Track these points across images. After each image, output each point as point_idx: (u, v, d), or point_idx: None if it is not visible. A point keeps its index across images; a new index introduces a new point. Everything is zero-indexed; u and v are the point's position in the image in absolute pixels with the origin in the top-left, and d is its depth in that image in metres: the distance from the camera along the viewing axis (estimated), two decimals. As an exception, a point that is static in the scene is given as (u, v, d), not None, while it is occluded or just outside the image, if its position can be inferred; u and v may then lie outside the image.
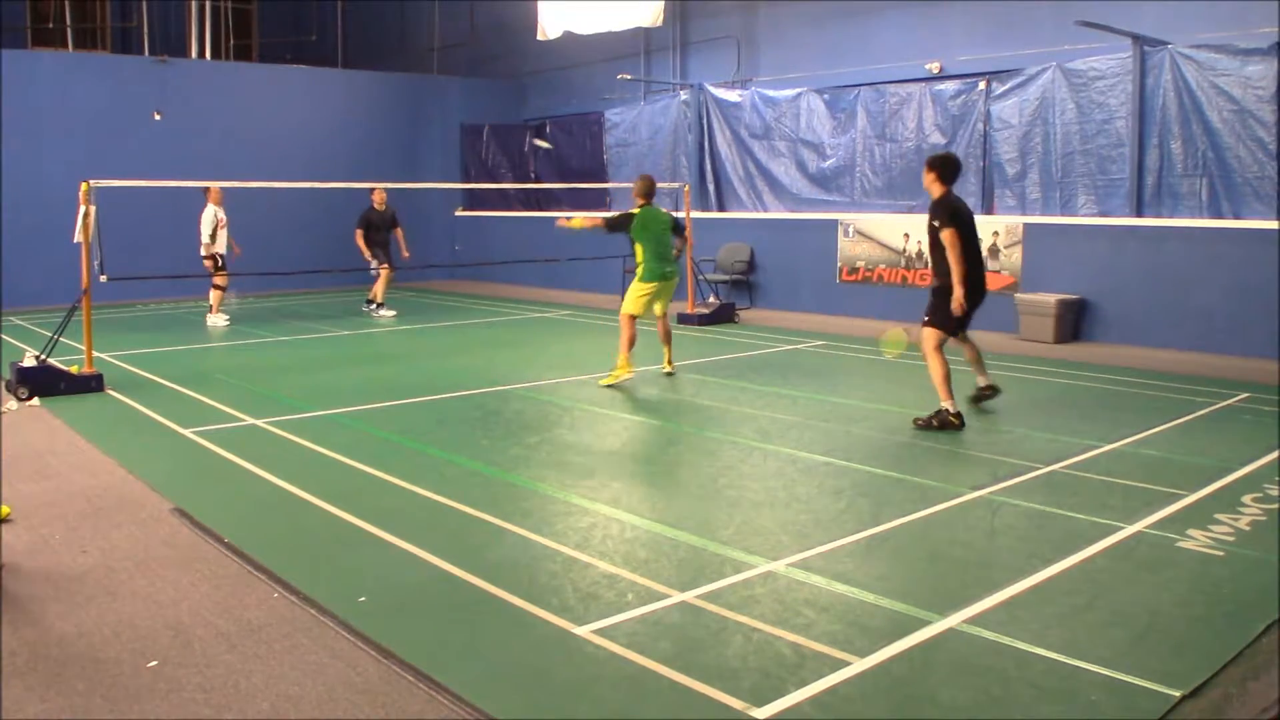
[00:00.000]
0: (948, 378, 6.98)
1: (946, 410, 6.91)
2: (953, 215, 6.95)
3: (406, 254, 14.23)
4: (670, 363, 9.25)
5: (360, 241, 13.86)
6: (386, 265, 13.90)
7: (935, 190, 7.08)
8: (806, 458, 6.27)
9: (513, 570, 4.35)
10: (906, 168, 13.28)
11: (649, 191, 8.91)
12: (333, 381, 9.04)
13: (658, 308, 9.05)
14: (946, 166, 7.08)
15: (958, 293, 6.88)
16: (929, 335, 7.13)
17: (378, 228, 13.98)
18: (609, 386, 8.60)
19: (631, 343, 8.71)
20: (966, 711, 3.17)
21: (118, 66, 17.12)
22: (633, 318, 8.78)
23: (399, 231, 14.20)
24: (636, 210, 8.86)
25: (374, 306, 14.08)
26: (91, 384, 8.36)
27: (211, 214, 12.74)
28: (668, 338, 9.30)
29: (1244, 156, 10.37)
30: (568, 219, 9.34)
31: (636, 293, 8.85)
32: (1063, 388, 8.68)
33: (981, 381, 7.62)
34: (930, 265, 7.28)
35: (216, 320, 12.95)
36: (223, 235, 12.83)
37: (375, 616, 3.86)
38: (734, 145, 15.52)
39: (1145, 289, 10.84)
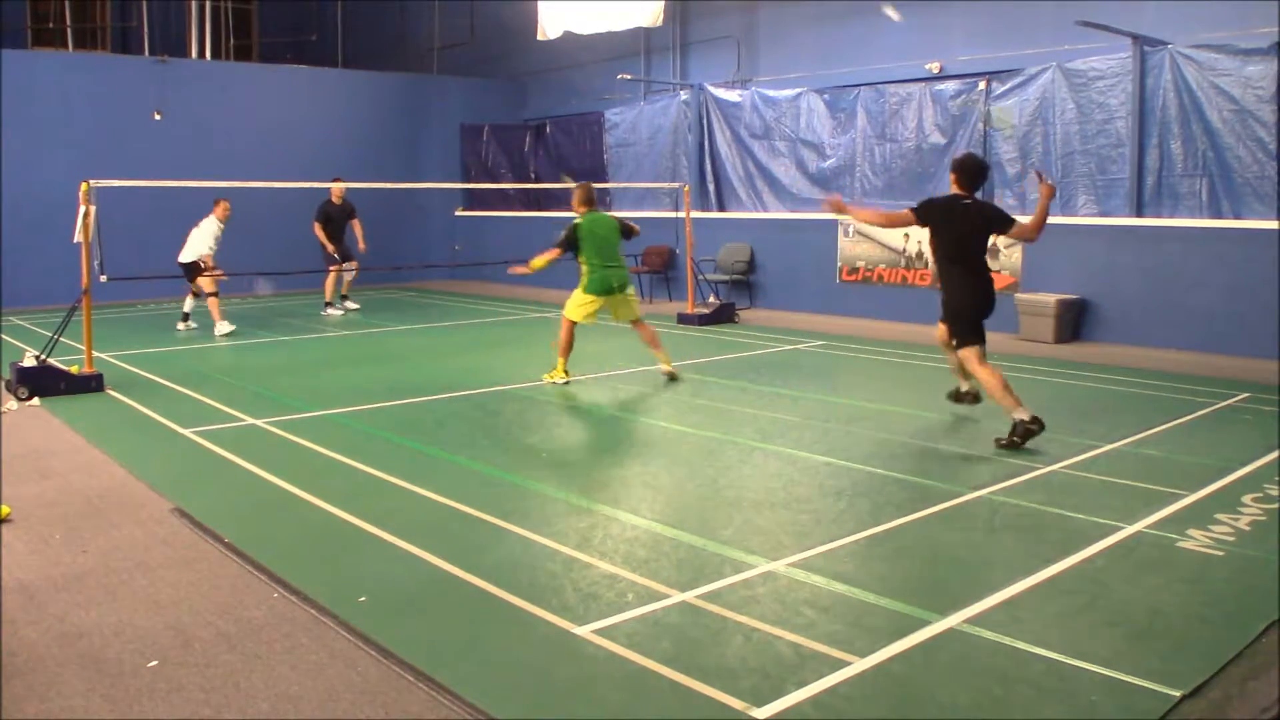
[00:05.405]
0: (1005, 385, 6.46)
1: (1022, 420, 6.36)
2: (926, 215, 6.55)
3: (363, 246, 14.23)
4: (668, 363, 8.70)
5: (320, 234, 13.93)
6: (339, 264, 13.99)
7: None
8: (806, 458, 6.27)
9: (513, 570, 4.34)
10: (907, 168, 13.28)
11: (589, 199, 8.57)
12: (333, 381, 9.04)
13: (625, 313, 8.64)
14: (961, 169, 6.59)
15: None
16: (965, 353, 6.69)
17: (335, 221, 14.06)
18: (550, 382, 8.48)
19: (568, 348, 8.48)
20: (966, 711, 3.17)
21: (118, 66, 17.12)
22: (572, 323, 8.47)
23: (356, 224, 14.26)
24: (579, 220, 8.39)
25: (328, 307, 14.16)
26: (91, 384, 8.36)
27: (210, 228, 12.46)
28: (654, 341, 8.72)
29: (1244, 156, 10.37)
30: (525, 266, 8.67)
31: (578, 301, 8.47)
32: (1063, 388, 8.68)
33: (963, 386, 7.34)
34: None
35: (184, 327, 12.52)
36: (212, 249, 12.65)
37: (375, 616, 3.86)
38: (734, 145, 15.51)
39: (1145, 289, 10.83)
